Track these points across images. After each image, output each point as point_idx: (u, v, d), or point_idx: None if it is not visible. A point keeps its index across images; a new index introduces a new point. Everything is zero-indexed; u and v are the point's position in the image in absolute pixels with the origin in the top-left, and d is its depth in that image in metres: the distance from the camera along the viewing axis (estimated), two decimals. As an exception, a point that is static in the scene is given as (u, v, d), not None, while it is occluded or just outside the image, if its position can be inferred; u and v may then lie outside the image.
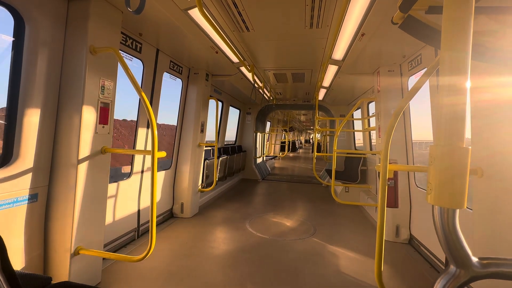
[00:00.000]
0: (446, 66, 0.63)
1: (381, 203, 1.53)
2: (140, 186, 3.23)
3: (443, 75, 0.63)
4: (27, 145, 1.89)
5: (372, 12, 2.15)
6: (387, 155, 1.50)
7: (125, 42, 2.72)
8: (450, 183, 0.59)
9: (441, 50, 0.64)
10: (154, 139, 1.86)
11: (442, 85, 0.63)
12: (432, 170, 0.61)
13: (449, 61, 0.62)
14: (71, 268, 1.98)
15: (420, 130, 9.74)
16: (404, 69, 3.37)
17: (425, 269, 2.64)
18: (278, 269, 2.54)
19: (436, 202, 0.60)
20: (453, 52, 0.62)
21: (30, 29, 1.87)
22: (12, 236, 1.82)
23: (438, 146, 0.62)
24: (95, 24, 2.06)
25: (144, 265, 2.52)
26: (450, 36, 0.63)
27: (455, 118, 0.60)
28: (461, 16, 0.63)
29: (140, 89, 1.91)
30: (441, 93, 0.62)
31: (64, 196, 2.01)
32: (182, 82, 4.07)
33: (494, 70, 1.73)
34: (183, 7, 2.29)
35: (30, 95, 1.89)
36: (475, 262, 0.61)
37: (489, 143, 1.78)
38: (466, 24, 0.63)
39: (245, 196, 5.64)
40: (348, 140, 7.00)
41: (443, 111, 0.62)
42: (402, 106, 1.53)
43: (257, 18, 2.67)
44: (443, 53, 0.64)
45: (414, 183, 3.22)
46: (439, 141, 0.62)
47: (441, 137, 0.61)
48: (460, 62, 0.61)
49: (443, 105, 0.62)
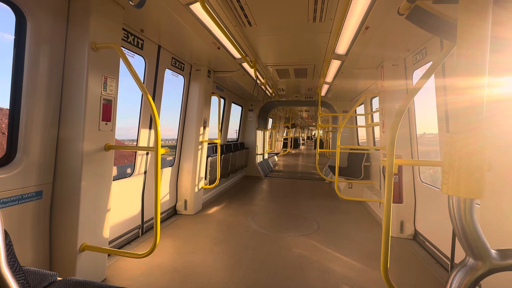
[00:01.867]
0: (464, 56, 0.60)
1: (387, 199, 1.51)
2: (144, 183, 3.24)
3: (460, 64, 0.61)
4: (31, 143, 1.89)
5: (377, 4, 2.11)
6: (392, 151, 1.48)
7: (127, 38, 2.70)
8: (468, 172, 0.57)
9: (457, 39, 0.62)
10: (158, 135, 1.86)
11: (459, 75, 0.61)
12: (448, 159, 0.59)
13: (467, 51, 0.60)
14: (76, 264, 1.99)
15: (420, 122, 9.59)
16: (409, 63, 3.33)
17: (430, 264, 2.63)
18: (282, 265, 2.54)
19: (453, 192, 0.57)
20: (471, 43, 0.60)
21: (32, 26, 1.86)
22: (18, 233, 1.83)
23: (455, 134, 0.59)
24: (97, 20, 2.04)
25: (148, 261, 2.53)
26: (468, 27, 0.61)
27: (473, 107, 0.58)
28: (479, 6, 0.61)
29: (143, 86, 1.90)
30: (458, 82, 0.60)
31: (69, 193, 2.01)
32: (184, 79, 4.05)
33: (502, 62, 1.69)
34: (184, 2, 2.27)
35: (33, 92, 1.88)
36: (493, 254, 0.58)
37: (497, 136, 1.74)
38: (484, 14, 0.60)
39: (248, 193, 5.64)
40: (351, 136, 6.96)
41: (460, 100, 0.59)
42: (407, 102, 1.50)
43: (259, 12, 2.64)
44: (460, 42, 0.62)
45: (419, 178, 3.19)
46: (456, 129, 0.59)
47: (458, 125, 0.59)
48: (478, 52, 0.59)
49: (461, 94, 0.59)
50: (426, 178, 3.18)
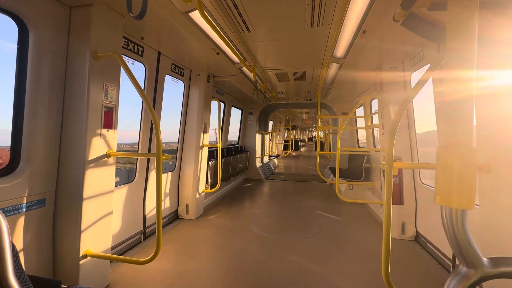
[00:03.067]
0: (451, 64, 0.62)
1: (387, 202, 1.52)
2: (145, 189, 3.25)
3: (448, 74, 0.62)
4: (34, 151, 1.92)
5: (373, 10, 2.14)
6: (391, 154, 1.49)
7: (127, 46, 2.74)
8: (458, 184, 0.58)
9: (446, 47, 0.63)
10: (159, 142, 1.88)
11: (446, 84, 0.62)
12: (439, 171, 0.60)
13: (454, 59, 0.62)
14: (79, 271, 2.00)
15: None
16: (407, 65, 3.35)
17: (432, 266, 2.63)
18: (284, 269, 2.55)
19: (445, 203, 0.59)
20: (459, 49, 0.61)
21: (34, 37, 1.89)
22: (22, 241, 1.85)
23: (444, 146, 0.61)
24: (97, 29, 2.07)
25: (151, 267, 2.54)
26: (455, 32, 0.62)
27: (462, 118, 0.59)
28: (466, 11, 0.62)
29: (143, 93, 1.92)
30: (446, 92, 0.62)
31: (71, 200, 2.03)
32: (184, 84, 4.08)
33: (498, 64, 1.70)
34: (184, 10, 2.30)
35: (35, 101, 1.91)
36: (485, 262, 0.59)
37: (496, 138, 1.75)
38: (471, 19, 0.62)
39: (249, 196, 5.65)
40: (351, 138, 6.97)
41: (449, 110, 0.61)
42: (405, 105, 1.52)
43: (257, 18, 2.67)
44: (448, 50, 0.63)
45: (419, 179, 3.20)
46: (446, 141, 0.61)
47: (447, 137, 0.60)
48: (465, 59, 0.60)
49: (449, 104, 0.61)
50: (427, 180, 3.19)
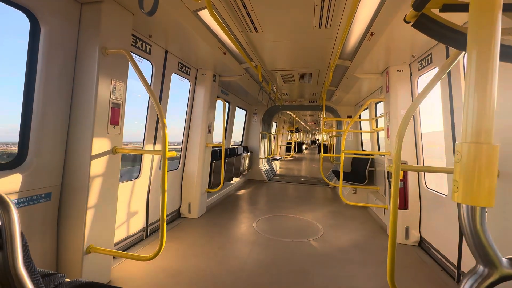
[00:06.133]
0: (473, 63, 0.61)
1: (393, 206, 1.51)
2: (149, 186, 3.26)
3: (470, 71, 0.62)
4: (41, 145, 1.93)
5: (382, 11, 2.13)
6: (399, 158, 1.48)
7: (135, 43, 2.76)
8: (479, 181, 0.58)
9: (467, 47, 0.63)
10: (165, 139, 1.88)
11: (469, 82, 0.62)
12: (459, 167, 0.60)
13: (477, 58, 0.61)
14: (83, 266, 2.01)
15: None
16: (414, 69, 3.33)
17: (436, 272, 2.59)
18: (286, 270, 2.53)
19: (464, 200, 0.58)
20: (481, 50, 0.61)
21: (45, 32, 1.91)
22: (27, 234, 1.86)
23: (466, 143, 0.61)
24: (107, 26, 2.09)
25: (152, 264, 2.54)
26: (477, 33, 0.62)
27: (484, 115, 0.59)
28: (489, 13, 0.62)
29: (151, 89, 1.93)
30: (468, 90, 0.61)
31: (76, 195, 2.04)
32: (190, 83, 4.10)
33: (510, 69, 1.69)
34: (193, 8, 2.32)
35: (44, 96, 1.93)
36: (504, 262, 0.59)
37: (506, 142, 1.74)
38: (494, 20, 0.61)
39: (252, 197, 5.64)
40: (355, 141, 6.94)
41: (470, 108, 0.60)
42: (413, 109, 1.51)
43: (265, 18, 2.68)
44: (470, 50, 0.62)
45: (424, 184, 3.17)
46: (467, 138, 0.60)
47: (469, 134, 0.60)
48: (488, 59, 0.60)
49: (471, 102, 0.60)
50: (432, 184, 3.16)
